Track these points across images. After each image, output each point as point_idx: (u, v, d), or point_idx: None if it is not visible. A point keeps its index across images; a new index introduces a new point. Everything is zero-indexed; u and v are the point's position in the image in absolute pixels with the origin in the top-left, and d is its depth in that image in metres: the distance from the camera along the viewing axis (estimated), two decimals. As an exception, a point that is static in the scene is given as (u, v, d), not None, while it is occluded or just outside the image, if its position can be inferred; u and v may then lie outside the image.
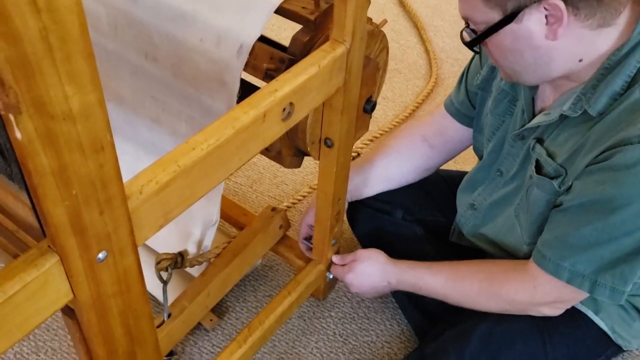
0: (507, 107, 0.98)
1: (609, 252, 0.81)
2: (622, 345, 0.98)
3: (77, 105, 0.44)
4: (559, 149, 0.86)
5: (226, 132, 0.65)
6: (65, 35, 0.40)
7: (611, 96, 0.80)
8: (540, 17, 0.76)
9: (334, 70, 0.79)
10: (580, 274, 0.84)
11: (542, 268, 0.87)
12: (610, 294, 0.84)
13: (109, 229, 0.54)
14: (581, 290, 0.85)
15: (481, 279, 0.96)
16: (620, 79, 0.79)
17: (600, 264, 0.82)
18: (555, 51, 0.79)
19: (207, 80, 0.87)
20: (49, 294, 0.54)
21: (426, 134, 1.16)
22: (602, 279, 0.83)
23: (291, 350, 1.19)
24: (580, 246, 0.83)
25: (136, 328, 0.67)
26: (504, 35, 0.80)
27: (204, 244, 1.07)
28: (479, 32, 0.82)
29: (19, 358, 1.15)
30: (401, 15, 2.20)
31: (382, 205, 1.20)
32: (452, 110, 1.12)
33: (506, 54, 0.83)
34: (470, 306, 0.98)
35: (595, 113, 0.81)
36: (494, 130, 1.01)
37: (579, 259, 0.84)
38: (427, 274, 1.01)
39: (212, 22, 0.83)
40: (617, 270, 0.82)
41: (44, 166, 0.45)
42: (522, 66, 0.83)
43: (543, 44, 0.79)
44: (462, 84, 1.09)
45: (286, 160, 1.01)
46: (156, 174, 0.59)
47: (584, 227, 0.82)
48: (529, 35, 0.78)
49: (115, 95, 1.04)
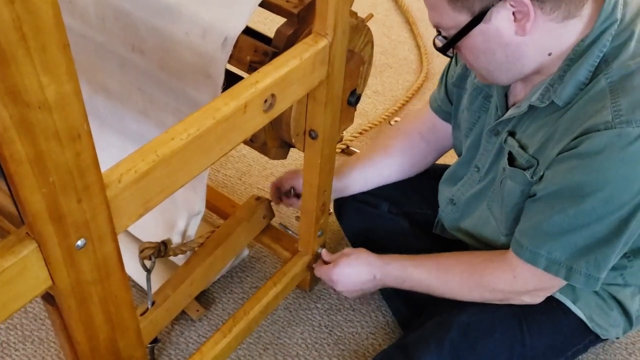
0: (482, 104, 1.00)
1: (581, 238, 0.83)
2: (600, 334, 0.99)
3: (53, 95, 0.45)
4: (530, 141, 0.88)
5: (206, 122, 0.66)
6: (40, 25, 0.41)
7: (576, 86, 0.81)
8: (507, 15, 0.78)
9: (316, 63, 0.79)
10: (556, 261, 0.86)
11: (520, 257, 0.89)
12: (585, 280, 0.85)
13: (87, 217, 0.55)
14: (558, 277, 0.87)
15: (462, 270, 0.97)
16: (584, 69, 0.81)
17: (574, 250, 0.84)
18: (525, 47, 0.81)
19: (193, 72, 0.88)
20: (27, 280, 0.55)
21: (421, 130, 1.18)
22: (577, 266, 0.85)
23: (276, 341, 1.20)
24: (554, 233, 0.84)
25: (117, 315, 0.68)
26: (474, 36, 0.81)
27: (188, 234, 1.08)
28: (449, 37, 0.84)
29: (6, 347, 1.16)
30: (393, 9, 2.21)
31: (368, 198, 1.22)
32: (434, 107, 1.14)
33: (478, 55, 0.84)
34: (454, 297, 1.00)
35: (562, 103, 0.83)
36: (470, 126, 1.03)
37: (554, 246, 0.85)
38: (411, 266, 1.03)
39: (198, 15, 0.83)
40: (590, 257, 0.84)
41: (20, 154, 0.46)
42: (495, 65, 0.85)
43: (513, 40, 0.80)
44: (443, 82, 1.12)
45: (271, 151, 1.02)
46: (135, 163, 0.60)
47: (556, 215, 0.83)
48: (498, 33, 0.80)
49: (103, 87, 1.04)
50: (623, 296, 0.99)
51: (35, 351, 1.15)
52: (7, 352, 1.15)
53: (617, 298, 0.99)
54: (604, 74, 0.79)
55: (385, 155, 1.19)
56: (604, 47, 0.80)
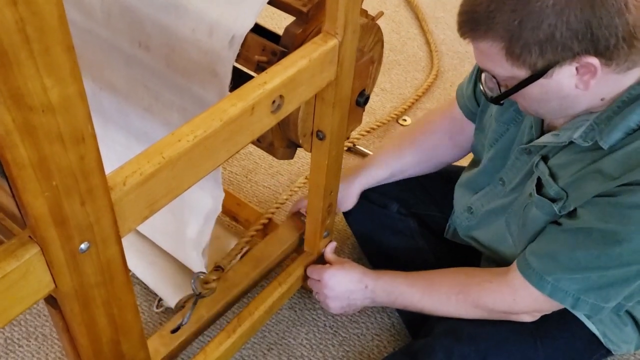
0: (513, 116, 0.96)
1: (597, 277, 0.83)
2: (612, 349, 0.98)
3: (57, 98, 0.44)
4: (561, 171, 0.86)
5: (213, 124, 0.65)
6: (44, 26, 0.40)
7: (625, 131, 0.78)
8: (571, 70, 0.74)
9: (325, 64, 0.78)
10: (563, 290, 0.85)
11: (525, 277, 0.88)
12: (591, 309, 0.86)
13: (91, 220, 0.54)
14: (563, 304, 0.87)
15: (458, 291, 0.96)
16: (637, 115, 0.77)
17: (587, 285, 0.84)
18: (583, 97, 0.78)
19: (199, 70, 0.86)
20: (30, 284, 0.54)
21: (452, 132, 1.15)
22: (586, 297, 0.85)
23: (281, 341, 1.20)
24: (569, 267, 0.84)
25: (120, 318, 0.67)
26: (531, 88, 0.77)
27: (203, 235, 1.07)
28: (501, 81, 0.80)
29: (10, 343, 1.15)
30: (402, 5, 2.19)
31: (377, 197, 1.20)
32: (461, 104, 1.11)
33: (531, 102, 0.82)
34: (449, 316, 0.99)
35: (606, 146, 0.79)
36: (497, 137, 1.00)
37: (564, 277, 0.85)
38: (404, 283, 1.01)
39: (205, 12, 0.82)
40: (602, 292, 0.84)
41: (22, 158, 0.45)
42: (547, 110, 0.83)
43: (572, 92, 0.77)
44: (472, 80, 1.07)
45: (278, 151, 1.01)
46: (141, 165, 0.59)
47: (579, 251, 0.82)
48: (558, 88, 0.77)
49: (109, 84, 1.03)
50: (638, 312, 0.97)
51: (39, 348, 1.15)
52: (11, 349, 1.15)
53: (632, 314, 0.97)
54: None
55: (411, 152, 1.17)
56: None
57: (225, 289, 1.07)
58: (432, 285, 0.99)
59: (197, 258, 1.09)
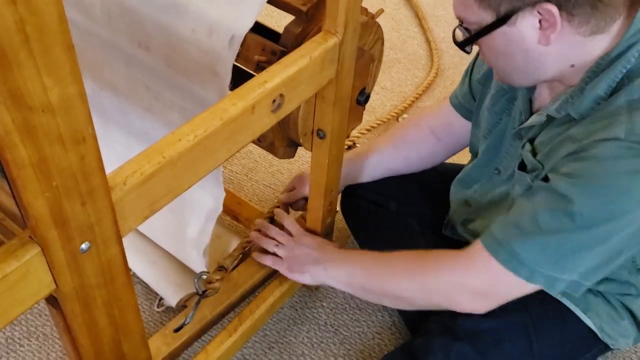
0: (505, 106, 0.98)
1: (556, 242, 0.79)
2: (610, 343, 0.97)
3: (57, 98, 0.43)
4: (541, 147, 0.87)
5: (214, 123, 0.65)
6: (43, 26, 0.40)
7: (595, 100, 0.79)
8: (533, 22, 0.76)
9: (325, 62, 0.78)
10: (518, 259, 0.81)
11: (485, 245, 0.84)
12: (546, 281, 0.81)
13: (91, 220, 0.54)
14: (518, 276, 0.82)
15: (415, 256, 0.93)
16: (605, 83, 0.79)
17: (544, 254, 0.80)
18: (547, 56, 0.79)
19: (199, 70, 0.86)
20: (30, 284, 0.54)
21: (434, 126, 1.16)
22: (541, 269, 0.81)
23: (282, 340, 1.19)
24: (529, 231, 0.80)
25: (121, 318, 0.67)
26: (496, 37, 0.79)
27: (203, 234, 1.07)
28: (472, 32, 0.82)
29: (11, 343, 1.15)
30: (402, 4, 2.19)
31: (376, 197, 1.20)
32: (455, 104, 1.12)
33: (497, 55, 0.83)
34: (392, 288, 0.93)
35: (577, 116, 0.81)
36: (490, 127, 1.00)
37: (522, 243, 0.81)
38: (359, 252, 1.01)
39: (204, 12, 0.82)
40: (560, 261, 0.80)
41: (22, 158, 0.44)
42: (513, 68, 0.83)
43: (535, 48, 0.78)
44: (467, 78, 1.09)
45: (279, 151, 1.00)
46: (141, 165, 0.59)
47: (540, 212, 0.80)
48: (521, 38, 0.78)
49: (109, 83, 1.03)
50: (635, 306, 0.97)
51: (40, 347, 1.15)
52: (12, 348, 1.15)
53: (629, 308, 0.97)
54: (625, 91, 0.77)
55: (391, 146, 1.17)
56: (629, 63, 0.78)
57: (229, 289, 1.08)
58: (389, 253, 0.96)
59: (197, 258, 1.08)
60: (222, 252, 1.25)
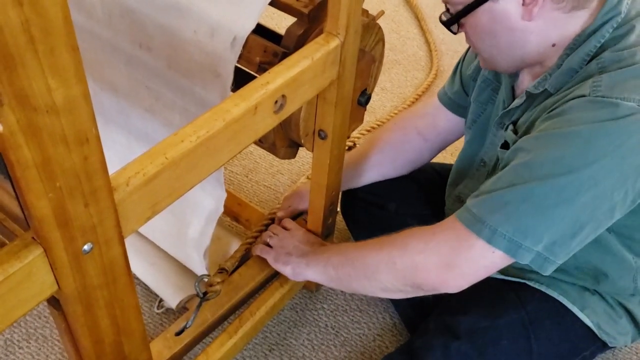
0: (490, 96, 0.99)
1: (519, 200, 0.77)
2: (608, 341, 0.98)
3: (61, 99, 0.43)
4: (522, 126, 0.88)
5: (216, 124, 0.65)
6: (49, 27, 0.40)
7: (569, 73, 0.82)
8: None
9: (327, 64, 0.78)
10: (480, 218, 0.78)
11: (456, 214, 0.83)
12: (508, 246, 0.77)
13: (94, 221, 0.54)
14: (479, 236, 0.78)
15: (389, 235, 0.91)
16: (579, 57, 0.81)
17: (502, 208, 0.77)
18: (529, 34, 0.81)
19: (201, 71, 0.86)
20: (33, 285, 0.53)
21: (420, 127, 1.16)
22: (501, 227, 0.77)
23: (282, 342, 1.19)
24: (493, 187, 0.79)
25: (123, 319, 0.67)
26: (480, 14, 0.81)
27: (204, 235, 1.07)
28: (455, 12, 0.84)
29: (10, 345, 1.15)
30: (402, 5, 2.19)
31: (376, 198, 1.20)
32: (445, 101, 1.12)
33: (482, 35, 0.85)
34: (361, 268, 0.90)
35: (552, 90, 0.83)
36: (474, 118, 1.02)
37: (485, 201, 0.79)
38: (343, 243, 1.04)
39: (206, 14, 0.82)
40: (521, 223, 0.76)
41: (26, 159, 0.44)
42: (498, 50, 0.85)
43: (519, 26, 0.80)
44: (457, 74, 1.10)
45: (280, 151, 1.00)
46: (144, 166, 0.59)
47: (505, 171, 0.79)
48: (505, 15, 0.80)
49: (110, 84, 1.03)
50: (632, 304, 0.97)
51: (39, 349, 1.15)
52: (11, 350, 1.15)
53: (626, 306, 0.97)
54: (596, 60, 0.79)
55: (378, 152, 1.17)
56: (602, 38, 0.80)
57: (230, 291, 1.07)
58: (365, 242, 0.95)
59: (198, 259, 1.08)
60: (223, 253, 1.24)
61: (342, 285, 0.98)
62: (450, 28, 0.87)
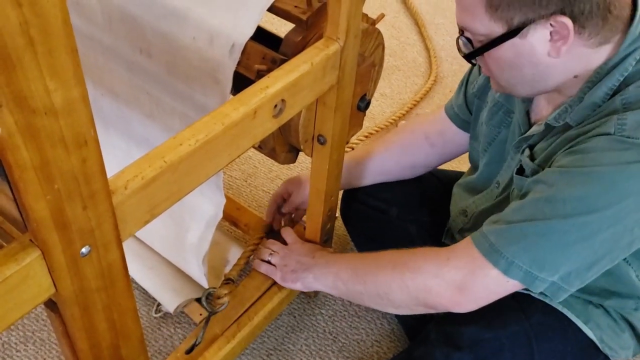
0: (502, 119, 0.98)
1: (534, 230, 0.78)
2: (610, 355, 0.97)
3: (60, 100, 0.43)
4: (540, 153, 0.87)
5: (215, 128, 0.65)
6: (47, 29, 0.40)
7: (591, 107, 0.80)
8: (544, 34, 0.75)
9: (327, 68, 0.78)
10: (498, 250, 0.80)
11: (472, 238, 0.84)
12: (525, 277, 0.79)
13: (92, 224, 0.54)
14: (496, 267, 0.80)
15: (401, 252, 0.92)
16: (602, 91, 0.79)
17: (523, 244, 0.78)
18: (554, 68, 0.79)
19: (200, 77, 0.86)
20: (30, 288, 0.53)
21: (428, 132, 1.16)
22: (519, 260, 0.78)
23: (280, 347, 1.19)
24: (512, 219, 0.80)
25: (120, 322, 0.67)
26: (505, 49, 0.78)
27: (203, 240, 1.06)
28: (475, 42, 0.81)
29: (7, 348, 1.15)
30: (402, 11, 2.20)
31: (377, 203, 1.20)
32: (451, 114, 1.12)
33: (504, 67, 0.82)
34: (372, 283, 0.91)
35: (574, 123, 0.81)
36: (489, 141, 1.01)
37: (503, 232, 0.80)
38: (348, 254, 1.02)
39: (205, 21, 0.82)
40: (538, 255, 0.78)
41: (24, 160, 0.44)
42: (519, 80, 0.83)
43: (544, 60, 0.78)
44: (462, 89, 1.09)
45: (280, 156, 1.00)
46: (142, 169, 0.59)
47: (526, 204, 0.79)
48: (531, 51, 0.77)
49: (109, 89, 1.03)
50: (635, 319, 0.97)
51: (36, 352, 1.14)
52: (8, 353, 1.14)
53: (629, 320, 0.97)
54: (620, 95, 0.77)
55: (384, 150, 1.17)
56: (626, 71, 0.78)
57: (236, 304, 1.07)
58: (374, 256, 0.96)
59: (196, 264, 1.08)
60: (221, 258, 1.24)
61: (352, 299, 1.01)
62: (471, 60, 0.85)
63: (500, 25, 0.77)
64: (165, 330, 1.20)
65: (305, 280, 1.02)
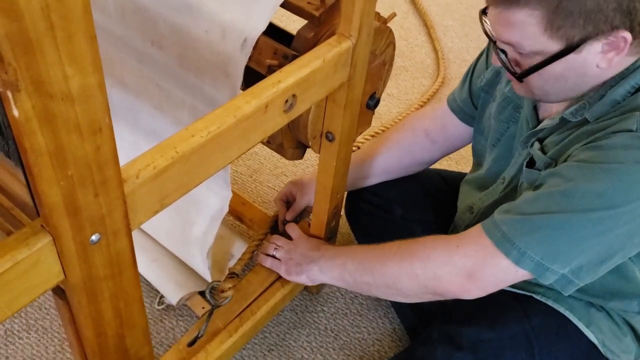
0: (511, 114, 0.98)
1: (552, 228, 0.77)
2: (611, 359, 0.97)
3: (77, 87, 0.44)
4: (552, 146, 0.86)
5: (227, 120, 0.65)
6: (68, 14, 0.40)
7: (611, 104, 0.80)
8: (598, 47, 0.75)
9: (338, 65, 0.78)
10: (510, 240, 0.79)
11: (482, 226, 0.84)
12: (536, 268, 0.79)
13: (103, 212, 0.54)
14: (508, 257, 0.80)
15: (409, 241, 0.92)
16: (624, 89, 0.79)
17: (536, 236, 0.78)
18: (596, 77, 0.79)
19: (211, 71, 0.86)
20: (40, 273, 0.54)
21: (428, 128, 1.16)
22: (531, 251, 0.78)
23: (281, 343, 1.19)
24: (524, 211, 0.79)
25: (126, 311, 0.67)
26: (556, 64, 0.77)
27: (208, 235, 1.07)
28: (516, 55, 0.80)
29: (10, 335, 1.15)
30: (411, 12, 2.20)
31: (381, 202, 1.20)
32: (454, 107, 1.12)
33: (548, 80, 0.80)
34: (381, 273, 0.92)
35: (592, 119, 0.81)
36: (498, 136, 1.00)
37: (515, 223, 0.80)
38: (354, 246, 1.02)
39: (217, 14, 0.82)
40: (552, 248, 0.78)
41: (40, 145, 0.45)
42: (558, 90, 0.82)
43: (591, 72, 0.78)
44: (467, 83, 1.09)
45: (288, 152, 1.01)
46: (154, 159, 0.59)
47: (540, 196, 0.79)
48: (583, 64, 0.77)
49: (120, 80, 1.03)
50: (638, 322, 0.97)
51: (39, 340, 1.15)
52: (11, 340, 1.15)
53: (632, 324, 0.97)
54: None
55: (385, 151, 1.17)
56: None
57: (240, 299, 1.08)
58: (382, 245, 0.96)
59: (201, 258, 1.08)
60: (225, 252, 1.24)
61: (359, 290, 1.01)
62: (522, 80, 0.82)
63: (558, 42, 0.75)
64: (168, 323, 1.20)
65: (311, 273, 1.02)
